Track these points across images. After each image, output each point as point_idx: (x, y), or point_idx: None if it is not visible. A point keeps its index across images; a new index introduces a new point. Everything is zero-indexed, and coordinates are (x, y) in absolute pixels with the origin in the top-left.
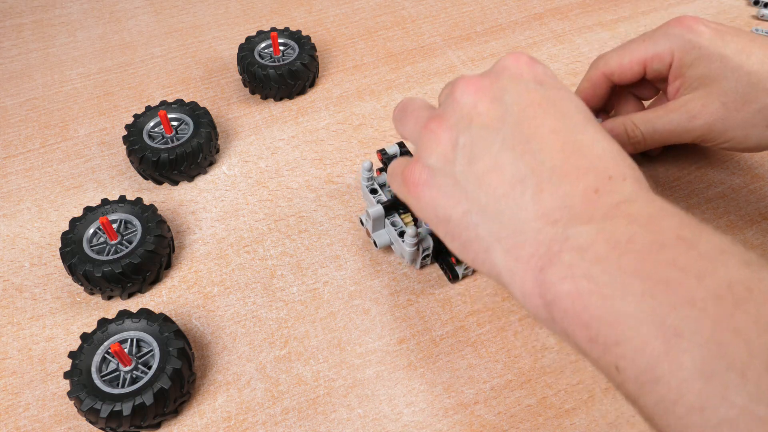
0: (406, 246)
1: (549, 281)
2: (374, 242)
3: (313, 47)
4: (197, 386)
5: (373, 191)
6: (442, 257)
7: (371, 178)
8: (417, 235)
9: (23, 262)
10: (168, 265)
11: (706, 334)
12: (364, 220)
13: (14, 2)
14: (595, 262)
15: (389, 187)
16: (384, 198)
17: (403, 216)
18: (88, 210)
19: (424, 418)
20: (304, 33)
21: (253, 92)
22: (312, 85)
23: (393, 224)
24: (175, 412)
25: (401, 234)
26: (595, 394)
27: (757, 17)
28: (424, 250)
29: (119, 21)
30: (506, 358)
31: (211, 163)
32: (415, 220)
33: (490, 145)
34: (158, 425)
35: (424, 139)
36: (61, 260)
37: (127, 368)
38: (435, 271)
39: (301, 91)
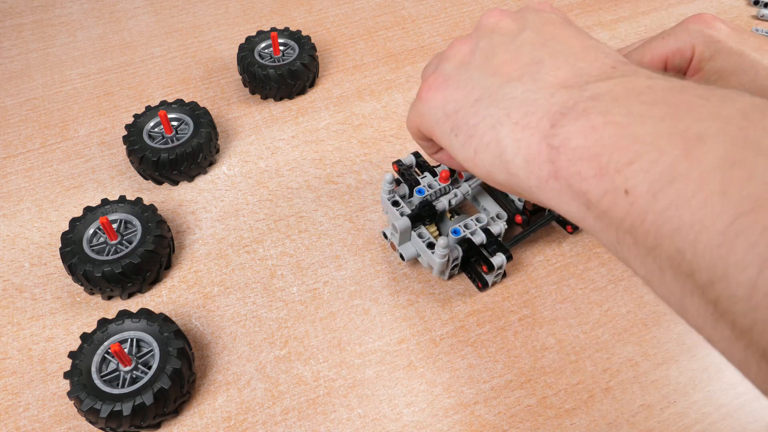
0: (437, 257)
1: (559, 126)
2: (401, 255)
3: (313, 47)
4: (197, 386)
5: (395, 203)
6: (470, 266)
7: (392, 191)
8: (448, 244)
9: (23, 262)
10: (168, 265)
11: (732, 134)
12: (388, 234)
13: (14, 2)
14: (612, 101)
15: (409, 198)
16: (407, 210)
17: (428, 227)
18: (88, 210)
19: (424, 418)
20: (304, 33)
21: (253, 92)
22: (312, 85)
23: (420, 236)
24: (175, 412)
25: (430, 245)
26: (595, 394)
27: (757, 17)
28: (453, 260)
29: (119, 21)
30: (506, 358)
31: (211, 163)
32: (440, 232)
33: (509, 44)
34: (158, 425)
35: (445, 54)
36: (61, 260)
37: (127, 368)
38: None
39: (301, 91)
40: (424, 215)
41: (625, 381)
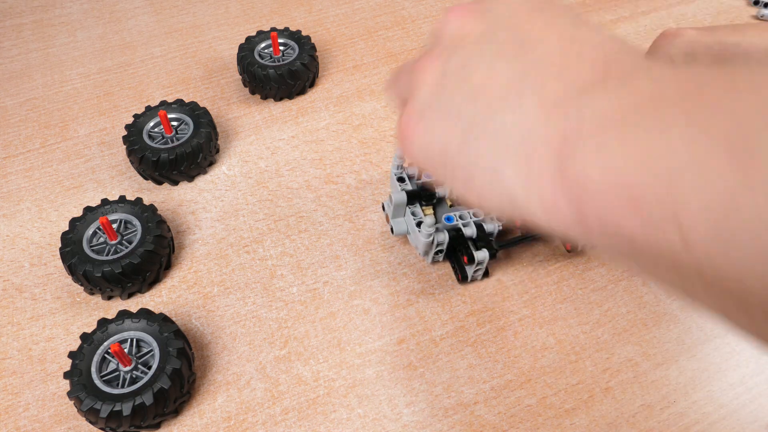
0: (422, 236)
1: (567, 159)
2: (391, 228)
3: (313, 47)
4: (197, 386)
5: (401, 179)
6: (454, 256)
7: (401, 167)
8: (434, 225)
9: (23, 262)
10: (168, 265)
11: None
12: (386, 206)
13: (14, 2)
14: (620, 117)
15: (418, 179)
16: (410, 188)
17: (424, 208)
18: (88, 210)
19: (424, 418)
20: (304, 33)
21: (253, 92)
22: (312, 85)
23: (413, 214)
24: (175, 412)
25: (419, 224)
26: (595, 394)
27: (757, 17)
28: (438, 244)
29: (119, 21)
30: (506, 358)
31: (211, 163)
32: (436, 217)
33: (482, 56)
34: (158, 425)
35: (414, 80)
36: (61, 260)
37: (127, 368)
38: (435, 271)
39: (301, 91)
40: (422, 195)
41: (625, 381)
